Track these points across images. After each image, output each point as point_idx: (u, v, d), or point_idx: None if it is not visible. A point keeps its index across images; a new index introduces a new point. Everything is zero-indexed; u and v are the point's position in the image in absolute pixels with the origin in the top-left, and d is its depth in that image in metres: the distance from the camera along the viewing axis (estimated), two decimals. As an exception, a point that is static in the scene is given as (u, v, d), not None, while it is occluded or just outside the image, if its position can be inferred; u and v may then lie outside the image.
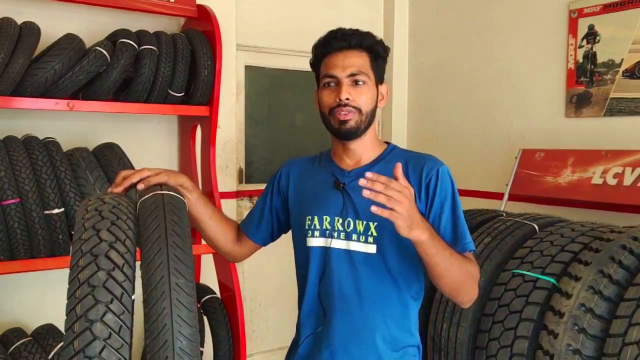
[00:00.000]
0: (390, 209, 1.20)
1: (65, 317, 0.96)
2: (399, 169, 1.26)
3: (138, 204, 1.20)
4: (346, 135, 1.49)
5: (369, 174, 1.21)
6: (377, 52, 1.52)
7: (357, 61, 1.48)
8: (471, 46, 3.88)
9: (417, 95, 4.30)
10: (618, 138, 3.05)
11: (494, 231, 2.41)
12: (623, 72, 3.06)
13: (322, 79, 1.51)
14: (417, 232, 1.25)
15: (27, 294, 2.85)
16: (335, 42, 1.49)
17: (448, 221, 1.46)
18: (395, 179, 1.25)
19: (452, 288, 1.41)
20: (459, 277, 1.38)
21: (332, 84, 1.49)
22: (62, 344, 0.96)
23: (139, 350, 2.97)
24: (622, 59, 3.06)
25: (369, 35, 1.52)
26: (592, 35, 3.20)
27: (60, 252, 2.45)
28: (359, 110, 1.47)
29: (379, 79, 1.54)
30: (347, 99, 1.46)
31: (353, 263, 1.47)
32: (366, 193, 1.20)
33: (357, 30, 1.51)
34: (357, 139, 1.51)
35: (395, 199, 1.20)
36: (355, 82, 1.47)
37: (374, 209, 1.20)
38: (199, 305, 2.89)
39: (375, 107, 1.53)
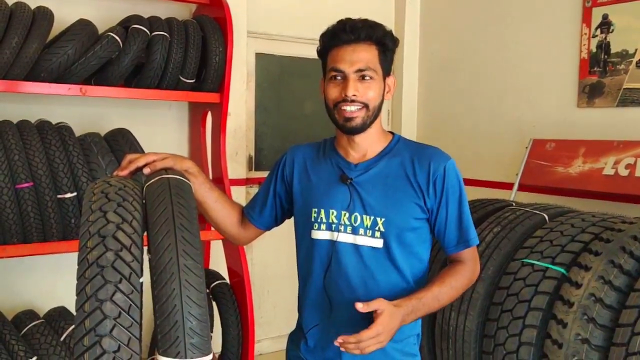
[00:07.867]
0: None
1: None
2: (359, 308, 1.33)
3: (144, 188, 1.20)
4: (351, 131, 1.48)
5: (338, 342, 1.32)
6: (386, 45, 1.48)
7: (365, 56, 1.44)
8: (483, 35, 3.84)
9: (428, 85, 4.28)
10: (630, 129, 3.02)
11: (503, 220, 2.40)
12: (637, 62, 3.03)
13: (329, 71, 1.48)
14: (395, 330, 1.37)
15: (40, 277, 2.89)
16: (344, 35, 1.44)
17: (454, 218, 1.50)
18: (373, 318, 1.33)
19: (448, 304, 1.61)
20: (451, 299, 1.50)
21: (339, 78, 1.46)
22: (73, 326, 0.97)
23: (147, 335, 3.00)
24: (636, 49, 3.03)
25: (378, 27, 1.47)
26: (606, 25, 3.16)
27: (72, 235, 2.48)
28: (366, 106, 1.45)
29: (387, 72, 1.51)
30: (354, 95, 1.43)
31: (360, 256, 1.48)
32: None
33: (366, 22, 1.47)
34: (363, 132, 1.49)
35: (372, 346, 1.32)
36: (363, 77, 1.44)
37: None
38: (208, 291, 2.91)
39: (382, 100, 1.50)
